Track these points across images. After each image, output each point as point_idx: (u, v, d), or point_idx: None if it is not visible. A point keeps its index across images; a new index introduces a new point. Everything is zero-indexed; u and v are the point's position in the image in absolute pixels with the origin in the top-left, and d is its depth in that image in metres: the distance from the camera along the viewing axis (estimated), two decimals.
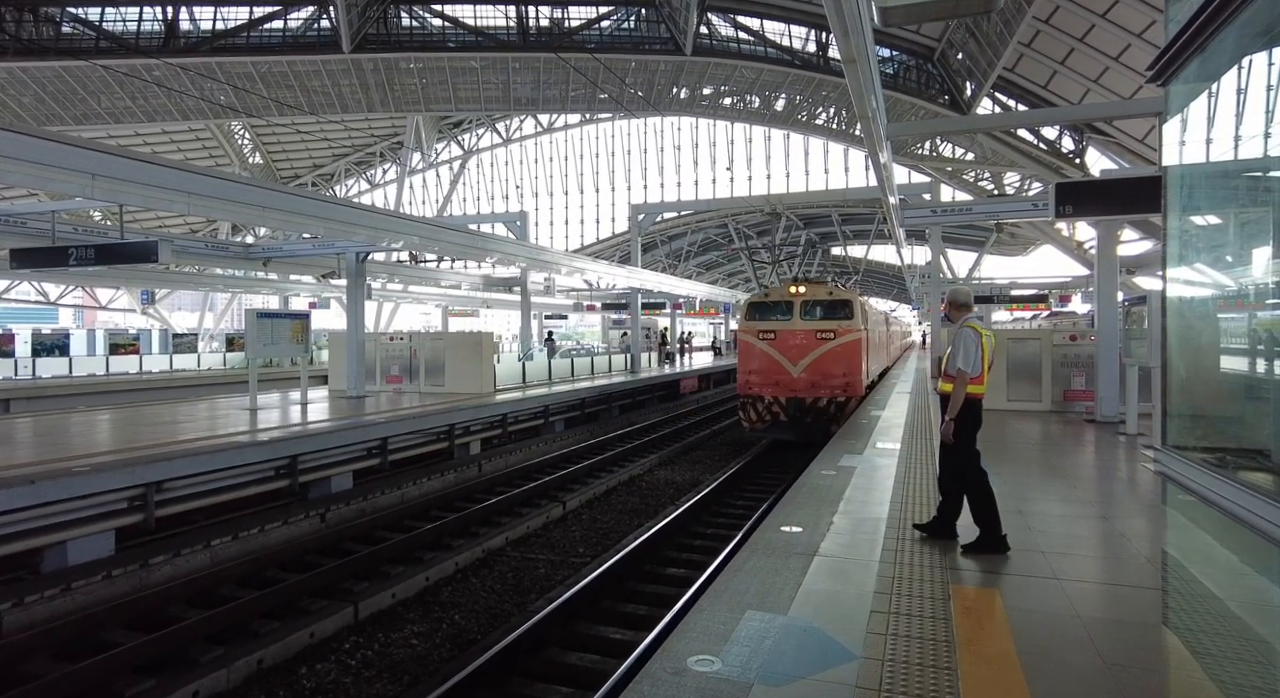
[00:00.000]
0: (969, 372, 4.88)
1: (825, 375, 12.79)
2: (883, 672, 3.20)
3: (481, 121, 44.84)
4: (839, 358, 12.80)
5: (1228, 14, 1.93)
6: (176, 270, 21.51)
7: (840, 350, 12.81)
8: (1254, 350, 2.24)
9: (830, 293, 13.59)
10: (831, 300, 13.32)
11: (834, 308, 13.20)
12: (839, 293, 13.73)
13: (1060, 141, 27.64)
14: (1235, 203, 2.58)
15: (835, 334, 12.84)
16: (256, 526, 8.38)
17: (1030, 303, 34.22)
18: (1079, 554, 4.90)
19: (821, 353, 12.84)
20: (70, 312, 49.87)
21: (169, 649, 5.66)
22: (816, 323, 13.06)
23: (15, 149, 7.17)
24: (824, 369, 12.80)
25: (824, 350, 12.84)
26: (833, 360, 12.80)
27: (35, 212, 14.29)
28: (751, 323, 13.59)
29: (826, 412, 12.79)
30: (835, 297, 13.45)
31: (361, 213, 12.67)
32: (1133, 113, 16.17)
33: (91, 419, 11.64)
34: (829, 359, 12.81)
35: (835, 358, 12.80)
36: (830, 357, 12.80)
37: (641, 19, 31.07)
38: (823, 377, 12.78)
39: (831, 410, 12.73)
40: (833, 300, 13.32)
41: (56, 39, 28.27)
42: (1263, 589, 2.04)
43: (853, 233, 40.17)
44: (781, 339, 13.10)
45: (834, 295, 13.47)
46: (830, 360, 12.80)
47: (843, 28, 5.77)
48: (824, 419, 12.73)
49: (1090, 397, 11.60)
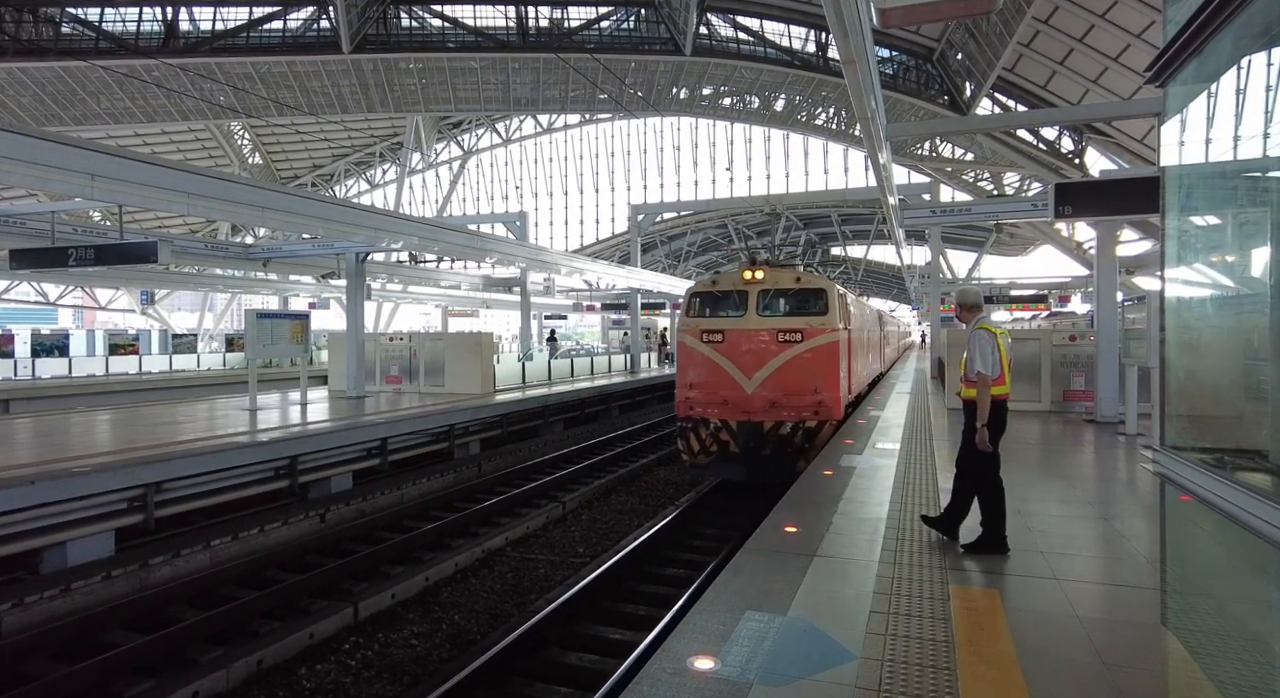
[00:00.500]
0: (990, 374, 4.84)
1: (790, 392, 9.67)
2: (882, 672, 3.20)
3: (481, 122, 44.83)
4: (809, 368, 9.69)
5: (1226, 15, 1.93)
6: (176, 271, 21.51)
7: (811, 358, 9.70)
8: (1253, 351, 2.24)
9: (798, 280, 10.28)
10: (800, 290, 10.12)
11: (804, 300, 10.08)
12: (810, 280, 10.40)
13: (1060, 142, 27.65)
14: (1234, 203, 2.59)
15: (804, 335, 9.71)
16: (256, 526, 8.38)
17: (1030, 303, 34.25)
18: (1078, 555, 4.90)
19: (785, 361, 9.75)
20: (70, 312, 49.85)
21: (169, 650, 5.66)
22: (779, 320, 9.96)
23: (15, 150, 7.17)
24: (788, 383, 9.69)
25: (788, 358, 9.74)
26: (801, 371, 9.69)
27: (35, 212, 14.31)
28: (694, 320, 10.40)
29: (791, 442, 9.63)
30: (805, 285, 10.18)
31: (361, 213, 12.68)
32: (1132, 113, 16.18)
33: (91, 420, 11.63)
34: (795, 369, 9.70)
35: (804, 368, 9.69)
36: (797, 366, 9.71)
37: (641, 19, 31.07)
38: (786, 394, 9.67)
39: (798, 440, 9.61)
40: (802, 290, 10.12)
41: (56, 39, 28.26)
42: (1261, 590, 2.04)
43: (852, 233, 40.22)
44: (732, 342, 9.97)
45: (803, 283, 10.20)
46: (797, 371, 9.69)
47: (842, 28, 5.78)
48: (788, 452, 9.64)
49: (1090, 397, 11.61)
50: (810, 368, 9.70)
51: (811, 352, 9.72)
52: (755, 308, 10.05)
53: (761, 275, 10.16)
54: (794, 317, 9.97)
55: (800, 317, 9.93)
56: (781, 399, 9.69)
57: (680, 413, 10.35)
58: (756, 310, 10.04)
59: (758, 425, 9.73)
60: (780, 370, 9.74)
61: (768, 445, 9.70)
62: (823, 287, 10.19)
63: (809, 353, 9.72)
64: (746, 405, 9.80)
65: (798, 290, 10.15)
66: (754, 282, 10.13)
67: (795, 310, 10.07)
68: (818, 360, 9.72)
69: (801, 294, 10.15)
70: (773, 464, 9.66)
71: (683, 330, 10.57)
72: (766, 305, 10.10)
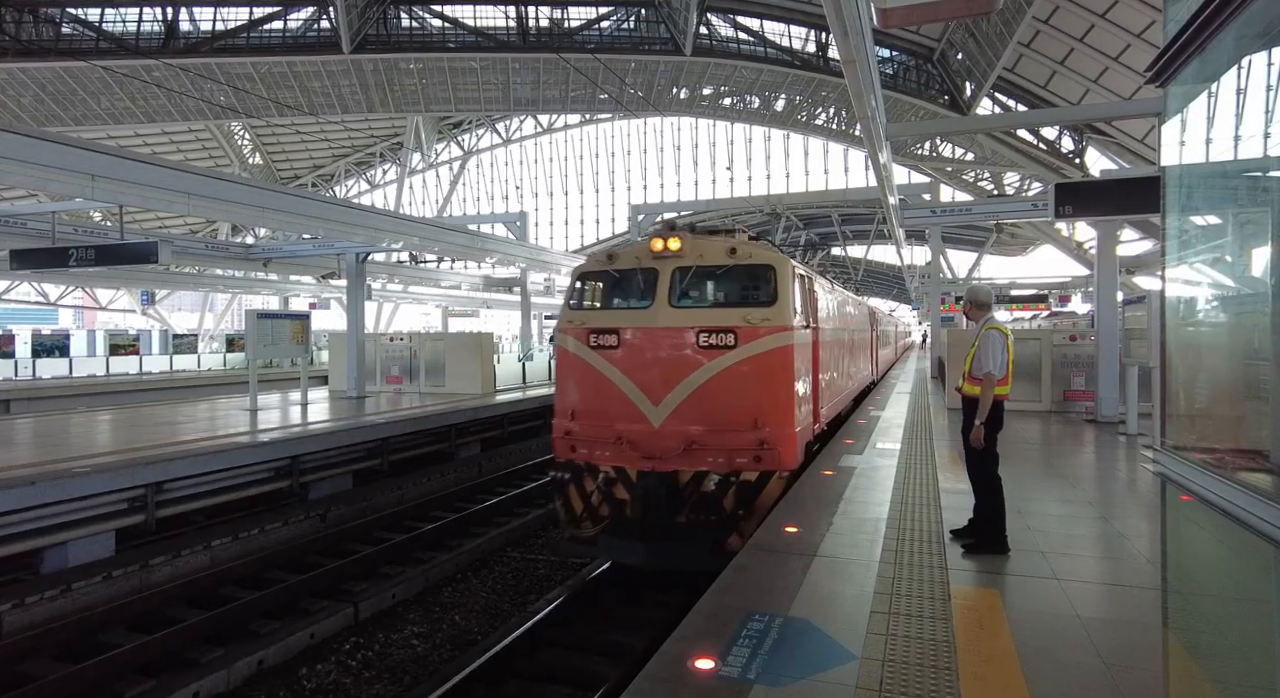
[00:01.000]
0: (997, 374, 4.88)
1: (718, 426, 6.45)
2: (883, 672, 3.20)
3: (481, 122, 44.85)
4: (748, 388, 6.47)
5: (1227, 15, 1.93)
6: (176, 271, 21.53)
7: (750, 372, 6.47)
8: (1254, 351, 2.24)
9: (733, 252, 6.83)
10: (736, 269, 6.87)
11: (742, 284, 6.91)
12: (752, 253, 6.92)
13: (1060, 142, 27.66)
14: (1234, 203, 2.59)
15: (739, 338, 6.48)
16: (257, 526, 8.39)
17: (1030, 303, 34.25)
18: (1079, 555, 4.90)
19: (710, 377, 6.49)
20: (70, 312, 49.92)
21: (169, 650, 5.67)
22: (704, 314, 6.71)
23: (16, 150, 7.19)
24: (716, 413, 6.47)
25: (715, 372, 6.49)
26: (734, 393, 6.46)
27: (35, 212, 14.31)
28: (578, 314, 7.12)
29: (717, 505, 6.37)
30: (743, 261, 6.83)
31: (361, 213, 12.69)
32: (1132, 113, 16.16)
33: (92, 420, 11.64)
34: (726, 390, 6.46)
35: (739, 388, 6.46)
36: (729, 386, 6.46)
37: (641, 19, 31.09)
38: (712, 429, 6.45)
39: (728, 502, 6.36)
40: (738, 269, 6.87)
41: (56, 40, 28.28)
42: (1263, 590, 2.04)
43: (853, 233, 40.16)
44: (633, 349, 6.72)
45: (740, 258, 6.83)
46: (729, 393, 6.46)
47: (842, 28, 5.78)
48: (712, 520, 6.36)
49: (1090, 397, 11.60)
50: (749, 388, 6.43)
51: (751, 362, 6.42)
52: (668, 296, 6.70)
53: (678, 245, 6.74)
54: (726, 309, 6.68)
55: (735, 309, 6.63)
56: (704, 437, 6.38)
57: (557, 455, 7.00)
58: (670, 300, 6.68)
59: (668, 478, 6.36)
60: (703, 392, 6.43)
61: (683, 510, 6.36)
62: (769, 263, 6.79)
63: (747, 364, 6.42)
64: (652, 446, 6.42)
65: (732, 269, 6.81)
66: (667, 255, 6.77)
67: (729, 300, 6.85)
68: (761, 376, 6.45)
69: (737, 275, 6.85)
70: (688, 541, 6.29)
71: (562, 330, 7.11)
72: (686, 292, 6.84)
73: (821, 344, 8.12)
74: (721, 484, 6.37)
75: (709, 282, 6.95)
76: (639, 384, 6.62)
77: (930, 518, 5.61)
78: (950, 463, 7.72)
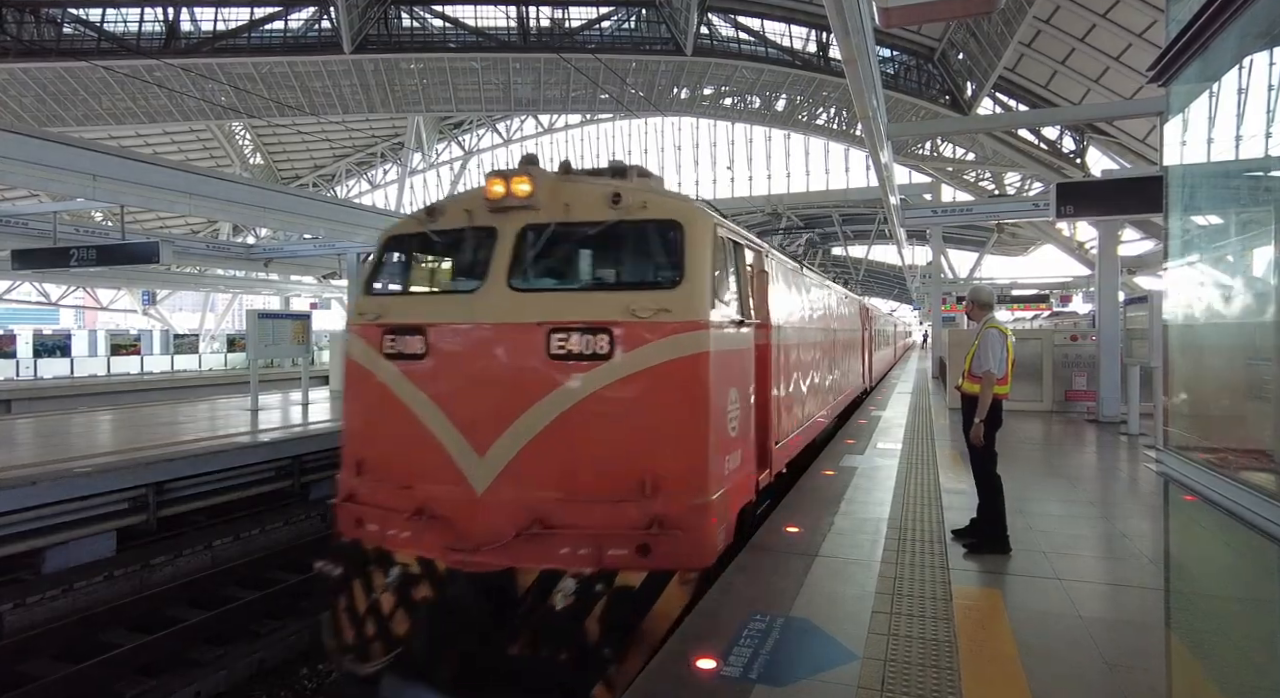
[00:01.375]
0: (997, 373, 4.90)
1: (580, 491, 3.97)
2: (884, 672, 3.20)
3: (482, 122, 44.86)
4: (634, 425, 4.01)
5: (1229, 14, 1.93)
6: (178, 271, 21.57)
7: (635, 398, 3.99)
8: (1256, 350, 2.24)
9: (617, 201, 4.24)
10: (621, 227, 4.30)
11: (630, 251, 4.55)
12: (647, 203, 4.34)
13: (1061, 142, 27.64)
14: (1237, 203, 2.58)
15: (617, 341, 3.97)
16: (258, 526, 8.39)
17: (1031, 303, 34.21)
18: (1080, 555, 4.90)
19: (569, 408, 3.98)
20: (71, 312, 49.93)
21: (170, 650, 5.67)
22: (562, 300, 4.26)
23: (18, 150, 7.20)
24: (575, 468, 4.00)
25: (579, 397, 3.98)
26: (608, 434, 4.01)
27: (37, 212, 14.34)
28: (374, 301, 4.72)
29: (573, 628, 3.79)
30: (633, 214, 4.27)
31: (362, 213, 12.71)
32: (1134, 113, 16.16)
33: (93, 420, 11.64)
34: (595, 430, 3.98)
35: (618, 426, 4.00)
36: (599, 421, 3.98)
37: (642, 19, 31.10)
38: (571, 495, 3.97)
39: (593, 625, 3.81)
40: (624, 226, 4.31)
41: (58, 40, 28.31)
42: (1265, 590, 2.04)
43: (853, 233, 40.15)
44: (445, 361, 4.23)
45: (629, 211, 4.26)
46: (599, 435, 4.00)
47: (843, 28, 5.78)
48: (567, 652, 3.79)
49: (1092, 397, 11.59)
50: (635, 427, 4.04)
51: (639, 382, 4.00)
52: (507, 272, 4.25)
53: (527, 189, 4.30)
54: (602, 293, 4.32)
55: (617, 293, 4.23)
56: (558, 511, 3.96)
57: (339, 531, 4.53)
58: (509, 278, 4.25)
59: (495, 581, 3.93)
60: (557, 435, 3.98)
61: (517, 638, 3.87)
62: (676, 219, 4.33)
63: (632, 386, 4.00)
64: (469, 526, 3.99)
65: (615, 228, 4.29)
66: (511, 204, 4.34)
67: (609, 280, 4.55)
68: (656, 406, 4.03)
69: (624, 238, 4.44)
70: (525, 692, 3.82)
71: (350, 328, 4.80)
72: (537, 265, 4.40)
73: (780, 349, 5.87)
74: (583, 593, 3.80)
75: (578, 249, 4.45)
76: (455, 421, 4.07)
77: (931, 518, 5.60)
78: (952, 463, 7.72)
